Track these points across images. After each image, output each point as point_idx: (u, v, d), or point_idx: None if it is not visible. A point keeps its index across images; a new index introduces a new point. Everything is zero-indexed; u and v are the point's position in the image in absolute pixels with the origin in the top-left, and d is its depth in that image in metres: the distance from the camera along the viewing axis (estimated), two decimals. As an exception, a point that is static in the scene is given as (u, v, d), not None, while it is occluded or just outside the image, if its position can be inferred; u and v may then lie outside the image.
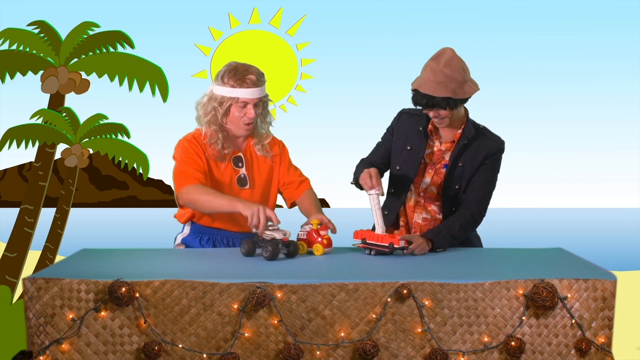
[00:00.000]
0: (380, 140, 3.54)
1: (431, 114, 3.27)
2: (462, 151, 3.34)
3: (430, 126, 3.39)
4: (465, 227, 3.29)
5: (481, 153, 3.34)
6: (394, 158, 3.45)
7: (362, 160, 3.51)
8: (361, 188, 3.27)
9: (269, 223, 3.01)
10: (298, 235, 3.13)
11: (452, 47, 3.26)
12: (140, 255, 3.11)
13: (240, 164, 3.37)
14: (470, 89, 3.24)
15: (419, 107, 3.30)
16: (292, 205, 3.48)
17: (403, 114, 3.49)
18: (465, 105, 3.33)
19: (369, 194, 3.17)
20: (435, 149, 3.40)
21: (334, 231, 3.18)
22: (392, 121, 3.51)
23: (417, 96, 3.22)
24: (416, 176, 3.39)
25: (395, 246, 3.05)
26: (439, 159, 3.39)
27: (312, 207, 3.35)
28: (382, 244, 3.09)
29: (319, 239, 3.10)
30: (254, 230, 3.04)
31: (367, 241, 3.13)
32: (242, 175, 3.37)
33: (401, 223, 3.47)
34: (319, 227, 3.12)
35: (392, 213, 3.45)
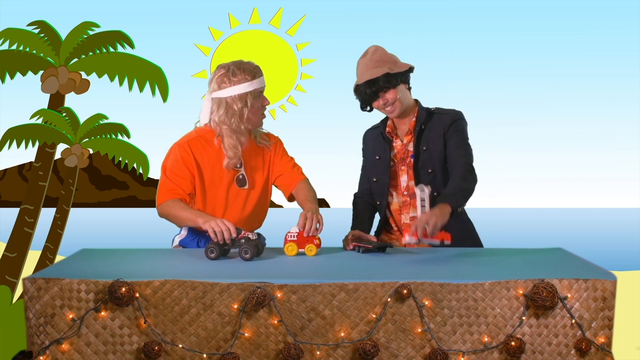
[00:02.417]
0: (361, 168, 3.59)
1: (380, 103, 3.35)
2: (420, 136, 3.40)
3: (388, 129, 3.47)
4: (466, 176, 3.29)
5: (439, 130, 3.39)
6: (369, 172, 3.52)
7: (355, 198, 3.54)
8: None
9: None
10: (287, 236, 3.11)
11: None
12: (140, 255, 3.11)
13: (239, 165, 3.37)
14: (404, 65, 3.36)
15: (369, 105, 3.38)
16: (290, 197, 3.45)
17: (367, 132, 3.59)
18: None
19: (418, 188, 3.18)
20: (398, 147, 3.46)
21: (320, 226, 3.16)
22: (362, 146, 3.60)
23: (360, 88, 3.33)
24: (392, 180, 3.44)
25: (418, 240, 3.01)
26: (405, 154, 3.44)
27: (305, 201, 3.32)
28: (366, 244, 3.14)
29: (314, 240, 3.10)
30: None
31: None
32: (241, 176, 3.37)
33: (394, 228, 3.50)
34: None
35: (380, 221, 3.53)
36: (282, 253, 3.11)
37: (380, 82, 3.30)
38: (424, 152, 3.38)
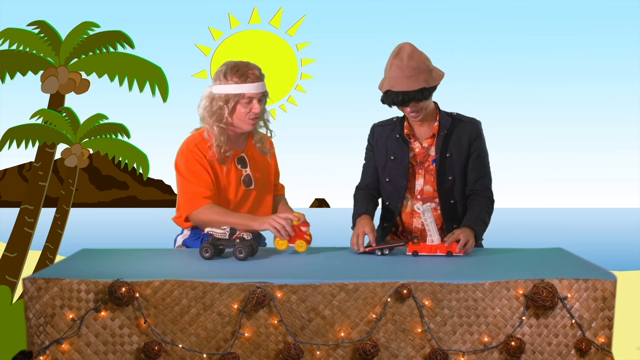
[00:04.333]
0: (364, 161, 3.55)
1: (408, 109, 3.31)
2: (446, 142, 3.38)
3: (406, 130, 3.42)
4: (489, 212, 3.36)
5: (464, 139, 3.39)
6: (381, 171, 3.47)
7: (357, 190, 3.52)
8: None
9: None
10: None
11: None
12: (140, 255, 3.11)
13: (244, 165, 3.38)
14: (438, 75, 3.31)
15: (394, 107, 3.32)
16: None
17: (376, 128, 3.52)
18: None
19: (417, 208, 3.15)
20: (417, 150, 3.42)
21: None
22: (368, 138, 3.54)
23: (391, 95, 3.25)
24: (408, 182, 3.41)
25: (453, 254, 3.06)
26: (425, 157, 3.41)
27: (287, 210, 3.43)
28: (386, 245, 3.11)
29: (305, 236, 3.10)
30: (209, 231, 3.06)
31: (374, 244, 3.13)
32: (247, 176, 3.38)
33: (399, 231, 3.48)
34: (299, 222, 3.12)
35: (391, 224, 3.46)
36: (282, 253, 3.12)
37: (413, 94, 3.23)
38: (448, 158, 3.37)
